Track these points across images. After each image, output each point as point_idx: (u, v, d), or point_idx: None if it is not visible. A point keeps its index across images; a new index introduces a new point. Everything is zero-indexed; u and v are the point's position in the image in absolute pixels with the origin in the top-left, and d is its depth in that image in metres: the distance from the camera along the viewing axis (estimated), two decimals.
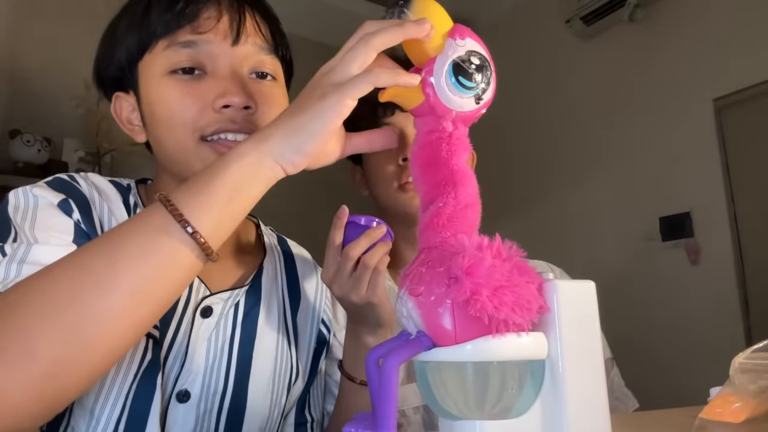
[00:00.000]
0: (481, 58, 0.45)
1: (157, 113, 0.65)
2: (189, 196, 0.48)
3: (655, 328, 2.43)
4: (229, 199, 0.48)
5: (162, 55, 0.64)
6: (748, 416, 0.54)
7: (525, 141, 3.25)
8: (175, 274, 0.47)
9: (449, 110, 0.45)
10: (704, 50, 2.43)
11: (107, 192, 0.68)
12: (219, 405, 0.67)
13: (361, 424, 0.41)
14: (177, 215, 0.46)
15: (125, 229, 0.47)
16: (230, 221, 0.49)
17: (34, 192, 0.62)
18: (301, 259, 0.86)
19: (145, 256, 0.45)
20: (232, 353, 0.69)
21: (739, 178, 2.33)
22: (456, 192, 0.43)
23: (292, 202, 3.27)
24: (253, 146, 0.48)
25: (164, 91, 0.64)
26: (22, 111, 2.55)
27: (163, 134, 0.65)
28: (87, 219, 0.62)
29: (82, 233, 0.60)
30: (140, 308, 0.46)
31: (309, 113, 0.47)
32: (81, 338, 0.43)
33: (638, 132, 2.65)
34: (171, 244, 0.46)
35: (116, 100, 0.70)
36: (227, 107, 0.63)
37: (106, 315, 0.44)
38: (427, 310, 0.37)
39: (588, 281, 0.41)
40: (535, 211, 3.13)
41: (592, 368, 0.39)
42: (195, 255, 0.47)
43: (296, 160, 0.48)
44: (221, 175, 0.48)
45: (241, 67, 0.66)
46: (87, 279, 0.44)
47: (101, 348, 0.45)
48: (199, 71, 0.64)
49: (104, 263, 0.45)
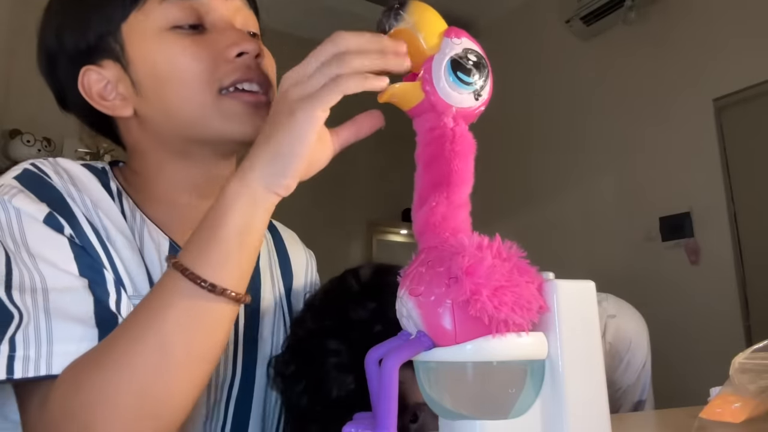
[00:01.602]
0: (478, 56, 0.45)
1: (161, 72, 0.60)
2: (202, 256, 0.48)
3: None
4: (239, 244, 0.48)
5: (157, 11, 0.61)
6: (748, 416, 0.54)
7: (525, 141, 3.25)
8: (222, 329, 0.50)
9: (449, 106, 0.45)
10: (704, 50, 2.43)
11: (83, 179, 0.62)
12: (227, 395, 0.67)
13: (361, 424, 0.41)
14: (200, 282, 0.47)
15: (157, 306, 0.48)
16: (248, 261, 0.50)
17: (15, 204, 0.54)
18: (289, 237, 0.85)
19: (191, 330, 0.47)
20: (238, 338, 0.69)
21: (739, 178, 2.34)
22: (449, 192, 0.43)
23: (291, 200, 3.27)
24: (242, 184, 0.48)
25: (169, 47, 0.60)
26: (22, 111, 2.55)
27: (172, 93, 0.61)
28: (76, 229, 0.57)
29: (80, 252, 0.56)
30: (201, 372, 0.49)
31: (282, 133, 0.47)
32: (159, 423, 0.47)
33: (638, 132, 2.65)
34: (210, 311, 0.48)
35: (85, 75, 0.62)
36: (240, 55, 0.61)
37: (176, 395, 0.47)
38: (427, 310, 0.37)
39: (588, 281, 0.41)
40: (535, 211, 3.13)
41: (592, 368, 0.39)
42: (232, 306, 0.49)
43: (286, 183, 0.48)
44: (224, 225, 0.48)
45: (235, 20, 0.64)
46: (147, 369, 0.46)
47: (178, 414, 0.48)
48: (200, 26, 0.62)
49: (155, 348, 0.46)
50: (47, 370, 0.48)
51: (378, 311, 0.63)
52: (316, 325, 0.66)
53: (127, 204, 0.64)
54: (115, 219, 0.61)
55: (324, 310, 0.67)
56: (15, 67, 2.58)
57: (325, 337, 0.63)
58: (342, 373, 0.61)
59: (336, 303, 0.67)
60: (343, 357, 0.62)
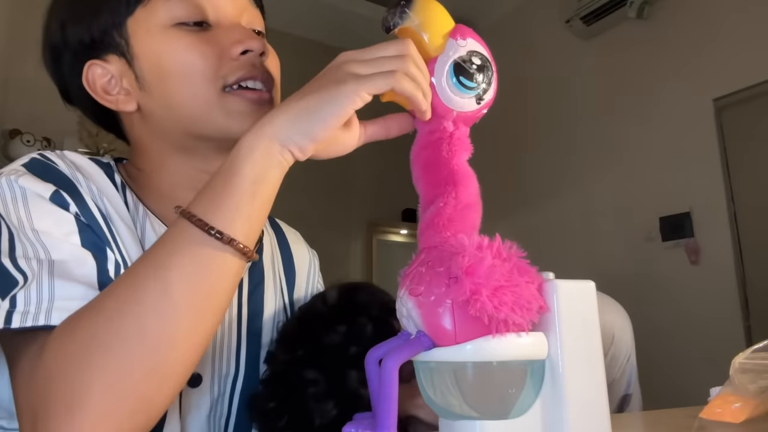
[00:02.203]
0: (483, 59, 0.45)
1: (166, 68, 0.61)
2: (213, 205, 0.47)
3: (655, 328, 2.43)
4: (252, 194, 0.47)
5: (163, 7, 0.61)
6: (748, 416, 0.54)
7: (525, 141, 3.25)
8: (227, 283, 0.48)
9: (450, 110, 0.45)
10: (704, 50, 2.43)
11: (88, 170, 0.63)
12: (231, 389, 0.67)
13: (361, 424, 0.41)
14: (208, 229, 0.46)
15: (162, 252, 0.47)
16: (259, 216, 0.48)
17: (21, 183, 0.55)
18: (292, 235, 0.86)
19: (195, 276, 0.46)
20: (241, 331, 0.69)
21: (739, 178, 2.34)
22: (456, 192, 0.43)
23: (291, 200, 3.27)
24: (259, 134, 0.47)
25: (173, 43, 0.60)
26: (22, 111, 2.55)
27: (176, 89, 0.61)
28: (82, 207, 0.58)
29: (84, 228, 0.56)
30: (204, 322, 0.47)
31: (323, 96, 0.46)
32: (160, 367, 0.45)
33: (638, 132, 2.65)
34: (215, 259, 0.46)
35: (89, 69, 0.63)
36: (245, 53, 0.61)
37: (177, 339, 0.45)
38: (427, 310, 0.37)
39: (588, 281, 0.41)
40: (535, 211, 3.13)
41: (592, 368, 0.39)
42: (239, 259, 0.47)
43: (303, 144, 0.47)
44: (237, 174, 0.47)
45: (241, 18, 0.65)
46: (148, 310, 0.44)
47: (179, 370, 0.46)
48: (205, 24, 0.62)
49: (158, 291, 0.45)
50: (46, 321, 0.47)
51: (350, 333, 0.63)
52: (290, 355, 0.65)
53: (130, 197, 0.65)
54: (119, 208, 0.62)
55: (296, 339, 0.67)
56: (15, 67, 2.58)
57: (301, 367, 0.63)
58: (321, 401, 0.60)
59: (307, 330, 0.67)
60: (321, 385, 0.61)
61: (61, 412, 0.42)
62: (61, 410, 0.42)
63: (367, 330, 0.62)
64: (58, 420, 0.42)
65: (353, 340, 0.62)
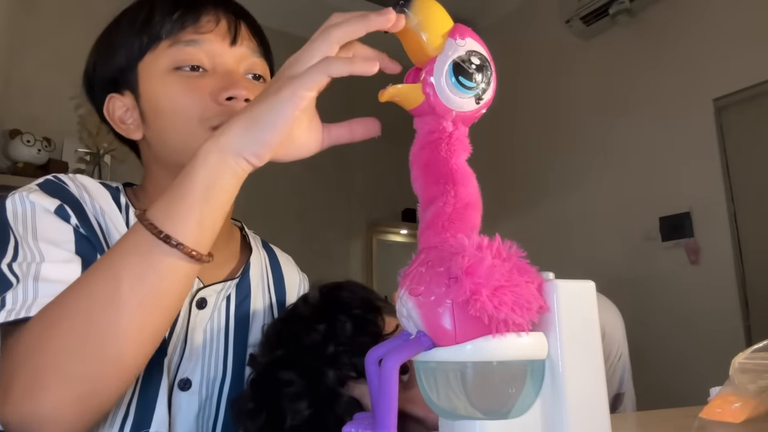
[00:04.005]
0: (482, 58, 0.45)
1: (161, 107, 0.68)
2: (166, 208, 0.50)
3: (655, 328, 2.43)
4: (204, 199, 0.49)
5: (165, 54, 0.68)
6: (748, 416, 0.54)
7: (525, 141, 3.25)
8: (175, 284, 0.51)
9: (449, 110, 0.45)
10: (704, 50, 2.43)
11: (96, 191, 0.70)
12: (219, 392, 0.71)
13: (361, 424, 0.41)
14: (157, 233, 0.48)
15: (117, 253, 0.51)
16: (212, 220, 0.51)
17: (31, 198, 0.63)
18: (284, 258, 0.91)
19: (142, 277, 0.49)
20: (228, 341, 0.73)
21: (739, 178, 2.34)
22: (456, 191, 0.43)
23: (291, 200, 3.27)
24: (214, 142, 0.49)
25: (169, 87, 0.67)
26: (22, 111, 2.55)
27: (169, 126, 0.68)
28: (83, 221, 0.64)
29: (82, 238, 0.63)
30: (151, 319, 0.51)
31: (264, 105, 0.48)
32: (107, 357, 0.49)
33: (638, 132, 2.65)
34: (162, 261, 0.49)
35: (110, 101, 0.72)
36: (230, 99, 0.66)
37: (123, 332, 0.49)
38: (427, 310, 0.37)
39: (588, 281, 0.41)
40: (535, 212, 3.13)
41: (592, 368, 0.39)
42: (187, 263, 0.50)
43: (257, 152, 0.49)
44: (191, 179, 0.49)
45: (238, 66, 0.70)
46: (97, 306, 0.49)
47: (126, 360, 0.50)
48: (202, 70, 0.69)
49: (108, 288, 0.49)
50: (26, 314, 0.53)
51: (329, 332, 0.63)
52: (269, 356, 0.67)
53: (133, 218, 0.70)
54: (119, 226, 0.68)
55: (276, 341, 0.68)
56: (15, 67, 2.58)
57: (278, 368, 0.64)
58: (295, 401, 0.61)
59: (287, 331, 0.68)
60: (296, 385, 0.62)
61: (23, 390, 0.48)
62: (23, 388, 0.48)
63: (346, 328, 0.64)
64: (20, 397, 0.48)
65: (331, 339, 0.63)
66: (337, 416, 0.61)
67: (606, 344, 0.78)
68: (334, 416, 0.61)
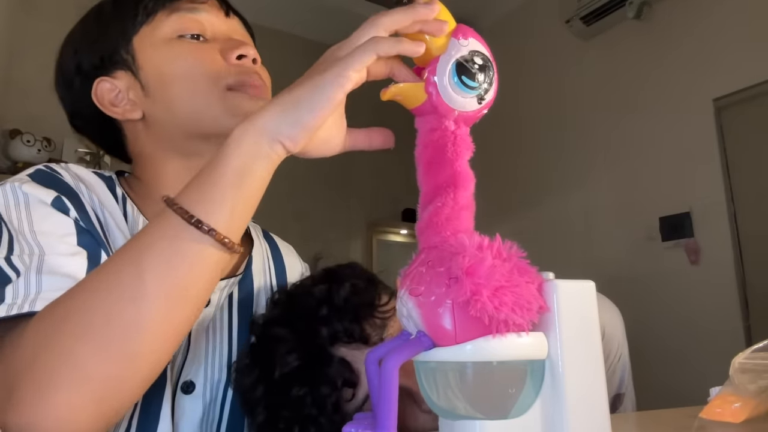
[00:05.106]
0: (484, 58, 0.45)
1: (170, 74, 0.67)
2: (197, 193, 0.47)
3: (655, 328, 2.43)
4: (237, 185, 0.47)
5: (165, 23, 0.68)
6: (748, 416, 0.54)
7: (525, 141, 3.25)
8: (204, 274, 0.47)
9: (452, 110, 0.45)
10: (704, 50, 2.43)
11: (91, 182, 0.66)
12: (223, 395, 0.69)
13: (361, 424, 0.41)
14: (188, 217, 0.45)
15: (143, 240, 0.47)
16: (244, 208, 0.48)
17: (24, 189, 0.58)
18: (286, 249, 0.88)
19: (170, 264, 0.45)
20: (232, 341, 0.71)
21: (739, 178, 2.34)
22: (456, 194, 0.43)
23: (291, 200, 3.27)
24: (249, 125, 0.47)
25: (175, 51, 0.67)
26: (22, 111, 2.55)
27: (180, 92, 0.66)
28: (82, 214, 0.60)
29: (83, 231, 0.59)
30: (177, 312, 0.46)
31: (309, 86, 0.46)
32: (128, 353, 0.44)
33: (638, 132, 2.65)
34: (192, 248, 0.46)
35: (98, 85, 0.69)
36: (240, 58, 0.67)
37: (146, 325, 0.45)
38: (428, 310, 0.37)
39: (588, 281, 0.41)
40: (534, 212, 3.13)
41: (592, 368, 0.39)
42: (217, 250, 0.47)
43: (294, 135, 0.46)
44: (223, 163, 0.47)
45: (233, 35, 0.71)
46: (119, 295, 0.44)
47: (148, 357, 0.46)
48: (203, 38, 0.69)
49: (132, 276, 0.45)
50: (30, 308, 0.48)
51: (324, 296, 0.66)
52: (266, 317, 0.69)
53: (130, 209, 0.68)
54: (118, 219, 0.65)
55: (273, 306, 0.71)
56: (15, 67, 2.58)
57: (274, 325, 0.66)
58: (285, 355, 0.63)
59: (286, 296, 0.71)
60: (288, 341, 0.64)
61: (32, 393, 0.43)
62: (32, 391, 0.43)
63: (341, 293, 0.65)
64: (29, 400, 0.43)
65: (326, 302, 0.65)
66: (329, 378, 0.61)
67: (606, 344, 0.78)
68: (326, 377, 0.61)
